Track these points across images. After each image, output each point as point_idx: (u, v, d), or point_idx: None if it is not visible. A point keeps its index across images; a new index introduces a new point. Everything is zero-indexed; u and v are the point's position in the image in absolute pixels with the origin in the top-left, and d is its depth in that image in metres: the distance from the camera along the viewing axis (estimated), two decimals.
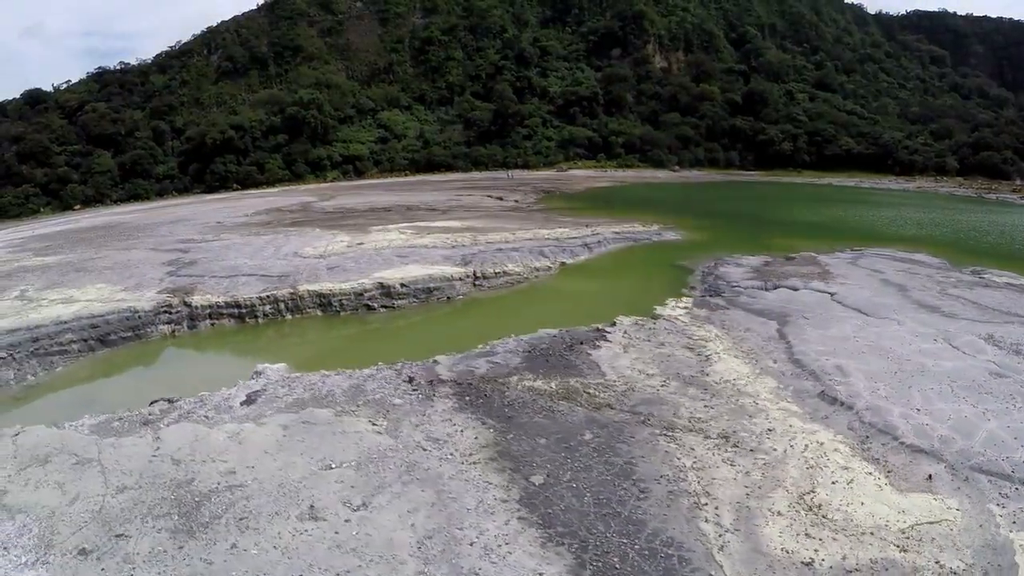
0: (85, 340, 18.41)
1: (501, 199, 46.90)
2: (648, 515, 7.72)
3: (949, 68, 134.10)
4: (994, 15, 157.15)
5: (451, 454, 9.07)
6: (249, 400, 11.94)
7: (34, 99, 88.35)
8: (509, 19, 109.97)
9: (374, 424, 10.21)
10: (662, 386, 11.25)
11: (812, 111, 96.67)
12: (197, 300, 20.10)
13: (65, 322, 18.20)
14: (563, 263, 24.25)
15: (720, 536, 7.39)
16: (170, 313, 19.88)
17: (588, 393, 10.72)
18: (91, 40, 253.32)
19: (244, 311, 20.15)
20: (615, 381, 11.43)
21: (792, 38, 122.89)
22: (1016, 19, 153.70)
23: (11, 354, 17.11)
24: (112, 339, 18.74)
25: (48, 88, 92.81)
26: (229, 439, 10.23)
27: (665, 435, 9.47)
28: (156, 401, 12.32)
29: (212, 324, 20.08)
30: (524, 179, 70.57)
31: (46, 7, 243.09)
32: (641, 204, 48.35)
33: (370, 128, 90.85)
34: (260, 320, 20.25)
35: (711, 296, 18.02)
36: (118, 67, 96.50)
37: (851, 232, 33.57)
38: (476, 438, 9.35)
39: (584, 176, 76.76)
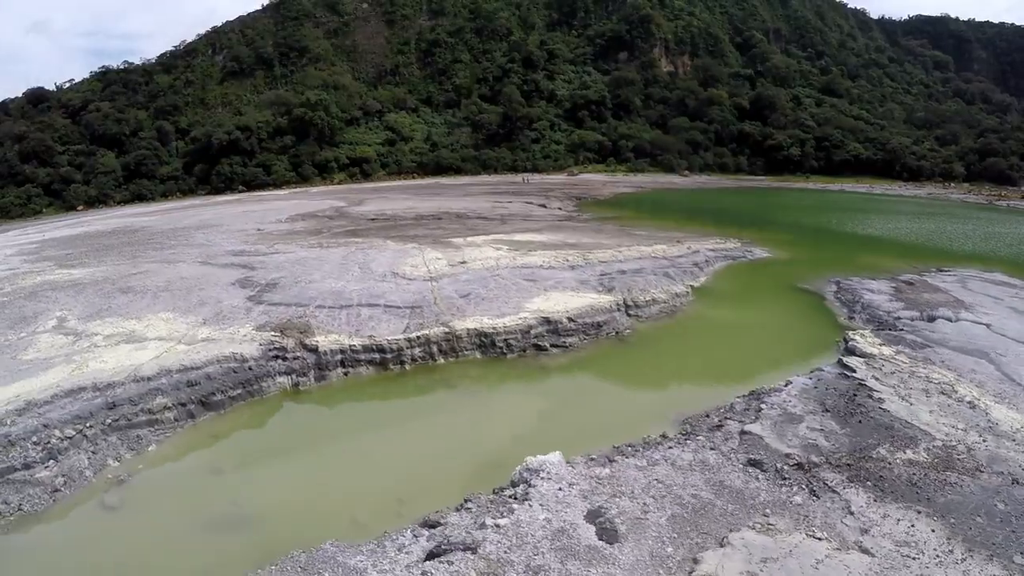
0: (183, 404, 13.49)
1: (544, 206, 45.91)
2: None
3: (952, 73, 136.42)
4: (996, 20, 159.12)
5: (937, 557, 8.18)
6: (605, 531, 8.27)
7: (37, 98, 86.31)
8: (516, 22, 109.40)
9: (818, 539, 8.50)
10: (983, 440, 11.10)
11: (819, 116, 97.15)
12: (323, 342, 15.90)
13: (149, 378, 13.32)
14: (691, 286, 22.51)
15: None
16: (285, 359, 15.39)
17: (954, 459, 10.47)
18: (95, 39, 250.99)
19: (389, 356, 16.20)
20: (948, 439, 11.11)
21: (797, 43, 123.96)
22: (1018, 24, 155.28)
23: (80, 430, 11.83)
24: (217, 399, 13.97)
25: (51, 87, 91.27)
26: None
27: None
28: (429, 529, 8.51)
29: (345, 373, 15.90)
30: (544, 184, 69.42)
31: (52, 3, 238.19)
32: (682, 212, 47.63)
33: (377, 130, 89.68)
34: (407, 366, 16.32)
35: (887, 329, 17.47)
36: (122, 66, 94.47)
37: (917, 248, 33.20)
38: (932, 531, 8.70)
39: (600, 181, 75.99)
